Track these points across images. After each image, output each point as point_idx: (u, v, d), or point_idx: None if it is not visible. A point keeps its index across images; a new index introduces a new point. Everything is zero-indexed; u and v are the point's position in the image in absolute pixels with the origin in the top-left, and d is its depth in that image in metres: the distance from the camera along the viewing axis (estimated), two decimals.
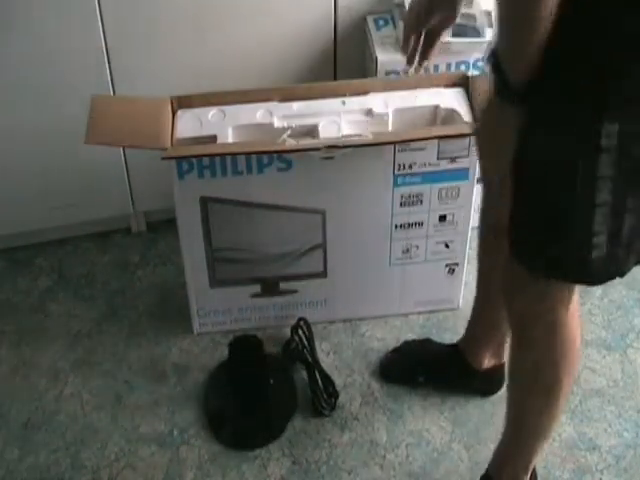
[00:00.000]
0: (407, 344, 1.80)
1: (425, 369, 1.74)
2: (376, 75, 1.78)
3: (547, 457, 1.62)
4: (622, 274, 1.15)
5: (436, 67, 1.77)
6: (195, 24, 1.73)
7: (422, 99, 1.64)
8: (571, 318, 1.24)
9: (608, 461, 1.62)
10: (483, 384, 1.70)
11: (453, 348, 1.70)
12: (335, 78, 1.89)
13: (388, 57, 1.76)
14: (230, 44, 1.78)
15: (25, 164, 1.83)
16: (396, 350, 1.79)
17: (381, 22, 1.83)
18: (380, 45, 1.78)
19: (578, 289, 1.23)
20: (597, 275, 1.14)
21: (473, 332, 1.66)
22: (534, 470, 1.49)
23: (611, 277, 1.15)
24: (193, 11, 1.72)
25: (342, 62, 1.88)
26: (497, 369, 1.66)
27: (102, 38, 1.69)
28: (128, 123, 1.56)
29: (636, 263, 1.15)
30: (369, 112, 1.61)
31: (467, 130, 1.56)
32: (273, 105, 1.62)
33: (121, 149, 1.83)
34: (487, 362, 1.66)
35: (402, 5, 1.78)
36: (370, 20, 1.83)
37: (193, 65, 1.78)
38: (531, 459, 1.44)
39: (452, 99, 1.63)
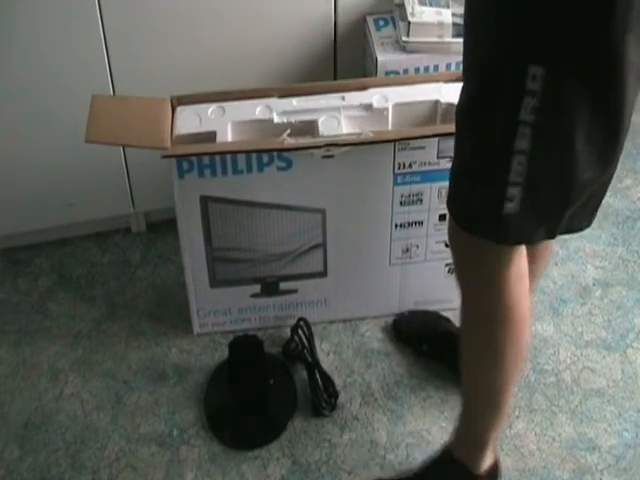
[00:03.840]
0: (425, 313, 1.83)
1: (430, 341, 1.77)
2: (376, 76, 1.78)
3: (547, 457, 1.63)
4: (530, 240, 1.18)
5: (436, 67, 1.77)
6: (195, 24, 1.73)
7: (422, 94, 1.64)
8: (513, 280, 1.24)
9: (608, 461, 1.62)
10: None
11: (459, 331, 1.71)
12: (335, 78, 1.89)
13: (388, 57, 1.76)
14: (230, 44, 1.78)
15: (25, 164, 1.83)
16: (412, 313, 1.83)
17: (381, 22, 1.82)
18: (380, 45, 1.78)
19: (521, 252, 1.24)
20: (506, 233, 1.14)
21: None
22: (497, 461, 1.50)
23: (519, 239, 1.17)
24: (193, 11, 1.71)
25: (342, 62, 1.88)
26: None
27: (102, 38, 1.69)
28: (128, 122, 1.56)
29: (546, 236, 1.18)
30: (369, 107, 1.62)
31: None
32: (272, 101, 1.63)
33: (121, 149, 1.83)
34: None
35: (402, 5, 1.78)
36: (370, 20, 1.83)
37: (193, 65, 1.78)
38: (484, 436, 1.44)
39: (452, 93, 1.63)
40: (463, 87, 1.16)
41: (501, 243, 1.18)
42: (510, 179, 1.07)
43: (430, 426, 1.68)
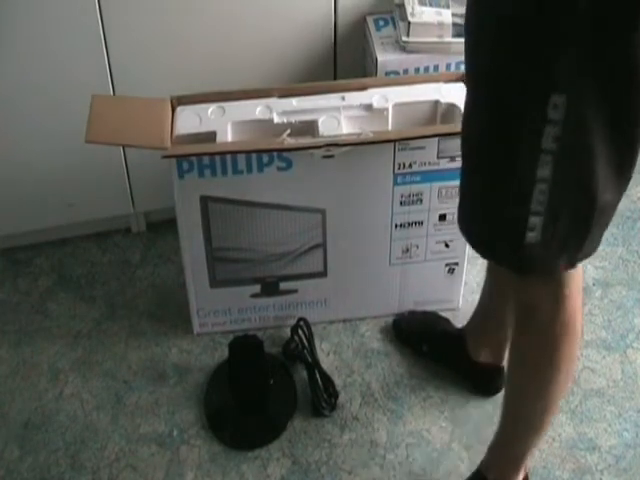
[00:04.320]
0: (424, 313, 1.83)
1: (430, 341, 1.77)
2: (376, 76, 1.78)
3: (547, 457, 1.63)
4: (550, 271, 1.15)
5: (436, 67, 1.77)
6: (195, 24, 1.73)
7: (422, 94, 1.64)
8: (574, 296, 1.23)
9: (608, 461, 1.62)
10: (478, 377, 1.70)
11: (458, 332, 1.73)
12: (335, 79, 1.89)
13: (388, 57, 1.76)
14: (230, 44, 1.78)
15: (25, 164, 1.83)
16: (412, 313, 1.83)
17: (381, 22, 1.83)
18: (380, 45, 1.78)
19: (577, 274, 1.22)
20: (528, 263, 1.12)
21: (475, 321, 1.68)
22: (527, 476, 1.49)
23: (542, 270, 1.14)
24: (193, 11, 1.71)
25: (342, 63, 1.88)
26: (494, 369, 1.66)
27: (102, 38, 1.69)
28: (128, 122, 1.56)
29: (566, 265, 1.14)
30: (369, 107, 1.62)
31: None
32: (272, 101, 1.63)
33: (121, 149, 1.83)
34: (484, 356, 1.66)
35: (402, 5, 1.78)
36: (370, 20, 1.83)
37: (193, 65, 1.78)
38: (524, 456, 1.44)
39: (452, 94, 1.63)
40: (471, 108, 1.12)
41: (523, 274, 1.16)
42: (532, 208, 1.06)
43: (430, 426, 1.68)
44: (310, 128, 1.59)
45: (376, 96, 1.63)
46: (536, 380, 1.32)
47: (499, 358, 1.64)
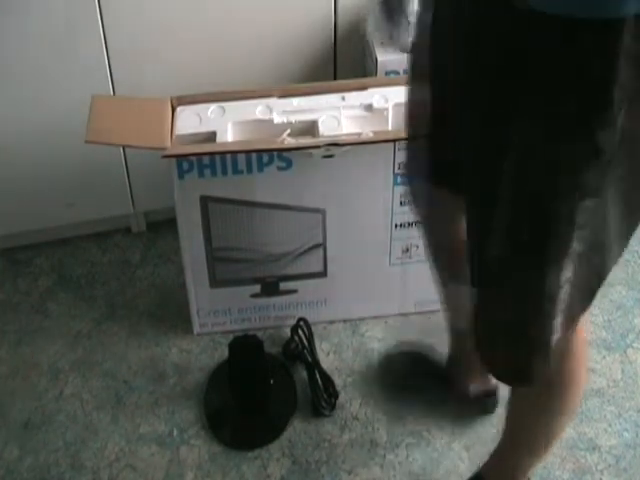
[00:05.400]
0: (409, 354, 1.76)
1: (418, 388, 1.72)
2: (376, 76, 1.78)
3: (547, 457, 1.62)
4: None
5: None
6: (195, 24, 1.73)
7: None
8: (575, 357, 1.23)
9: (608, 461, 1.62)
10: (474, 407, 1.67)
11: (444, 371, 1.67)
12: (335, 78, 1.89)
13: (388, 57, 1.76)
14: (230, 44, 1.78)
15: (25, 164, 1.83)
16: (401, 354, 1.77)
17: None
18: (380, 45, 1.78)
19: (581, 330, 1.21)
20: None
21: (453, 364, 1.64)
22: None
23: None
24: (193, 12, 1.72)
25: (342, 62, 1.88)
26: (486, 394, 1.63)
27: (102, 38, 1.69)
28: (128, 122, 1.56)
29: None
30: (369, 107, 1.62)
31: None
32: (273, 101, 1.63)
33: (121, 149, 1.83)
34: (473, 389, 1.63)
35: None
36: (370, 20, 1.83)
37: (193, 65, 1.78)
38: (525, 471, 1.43)
39: None
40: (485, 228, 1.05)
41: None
42: (557, 309, 1.04)
43: (430, 426, 1.68)
44: (310, 128, 1.60)
45: (376, 96, 1.63)
46: (539, 421, 1.30)
47: (489, 385, 1.61)
